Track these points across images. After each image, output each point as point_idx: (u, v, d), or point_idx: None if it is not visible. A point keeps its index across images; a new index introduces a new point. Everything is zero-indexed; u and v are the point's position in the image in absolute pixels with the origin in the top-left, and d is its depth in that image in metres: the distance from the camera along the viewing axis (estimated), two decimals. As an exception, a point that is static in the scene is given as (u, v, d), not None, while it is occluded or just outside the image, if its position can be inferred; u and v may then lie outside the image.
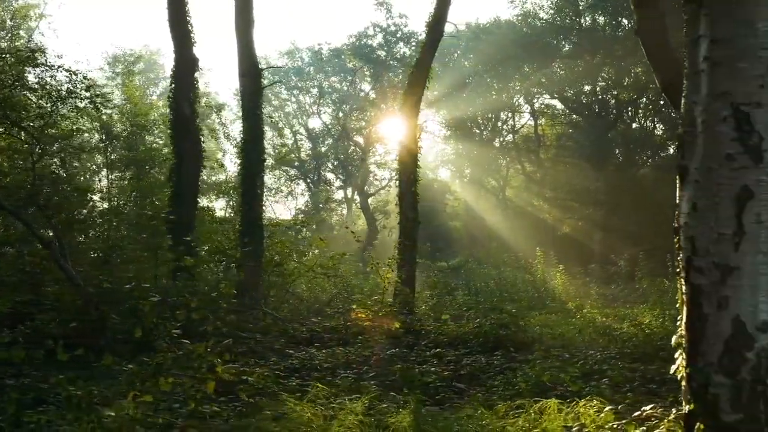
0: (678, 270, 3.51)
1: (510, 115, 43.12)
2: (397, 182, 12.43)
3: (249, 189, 11.99)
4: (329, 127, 44.76)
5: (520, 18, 37.70)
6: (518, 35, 35.82)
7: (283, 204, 59.28)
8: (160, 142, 18.61)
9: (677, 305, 3.54)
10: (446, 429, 3.89)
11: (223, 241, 12.46)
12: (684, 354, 3.46)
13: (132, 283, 6.83)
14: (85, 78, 10.93)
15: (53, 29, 49.56)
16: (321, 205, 47.37)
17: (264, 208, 42.62)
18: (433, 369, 7.82)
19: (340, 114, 42.59)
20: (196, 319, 5.57)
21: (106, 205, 16.88)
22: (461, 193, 45.66)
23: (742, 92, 3.17)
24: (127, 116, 17.54)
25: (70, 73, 10.74)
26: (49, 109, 10.59)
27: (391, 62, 37.75)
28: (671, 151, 34.53)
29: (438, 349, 8.99)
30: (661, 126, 35.34)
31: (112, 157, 15.89)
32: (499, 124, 43.50)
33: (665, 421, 3.56)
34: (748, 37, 3.16)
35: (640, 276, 23.54)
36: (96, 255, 9.46)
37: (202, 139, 10.64)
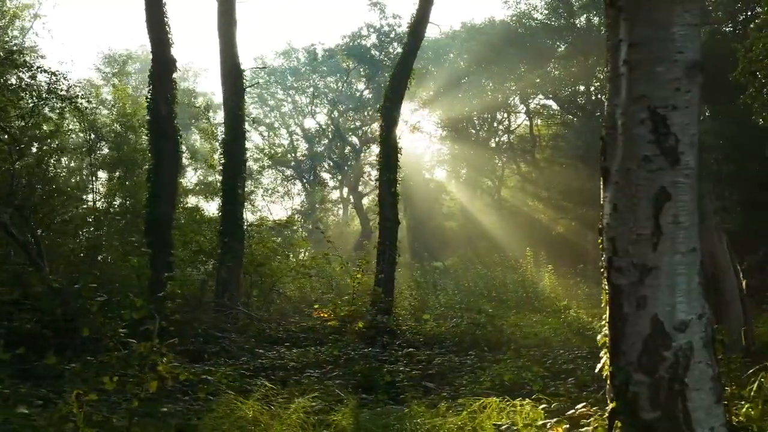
0: (601, 270, 3.56)
1: (505, 115, 43.13)
2: (378, 184, 12.47)
3: (230, 189, 12.04)
4: (323, 127, 44.82)
5: (514, 18, 37.75)
6: (512, 35, 35.86)
7: (279, 204, 59.36)
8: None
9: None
10: (384, 427, 3.94)
11: (204, 241, 12.52)
12: (607, 353, 3.51)
13: (80, 283, 6.86)
14: (65, 78, 11.02)
15: (48, 29, 49.58)
16: (317, 206, 47.47)
17: (260, 208, 42.51)
18: (402, 368, 7.87)
19: (334, 114, 42.64)
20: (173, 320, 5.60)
21: (98, 205, 16.97)
22: (457, 193, 45.71)
23: (658, 96, 3.22)
24: (115, 116, 17.61)
25: (49, 74, 10.80)
26: (29, 110, 10.64)
27: (386, 62, 37.78)
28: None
29: (411, 349, 9.04)
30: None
31: (99, 158, 15.94)
32: (495, 124, 43.51)
33: (592, 419, 3.61)
34: (664, 42, 3.21)
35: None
36: (74, 256, 9.51)
37: (181, 140, 10.69)
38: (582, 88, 36.07)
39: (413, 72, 12.90)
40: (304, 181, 49.39)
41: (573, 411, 3.87)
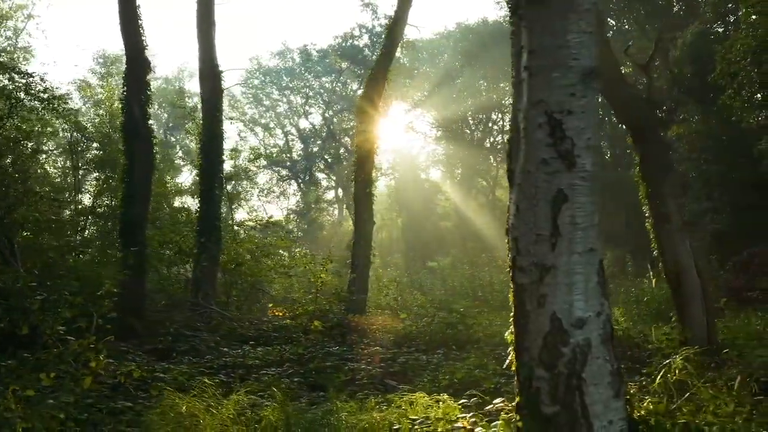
0: (509, 270, 3.67)
1: (500, 115, 43.25)
2: (354, 183, 12.58)
3: (207, 189, 12.16)
4: (316, 128, 44.99)
5: (507, 18, 37.72)
6: (505, 35, 35.88)
7: (275, 204, 59.50)
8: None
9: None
10: (310, 422, 4.06)
11: (184, 241, 12.63)
12: (513, 349, 3.62)
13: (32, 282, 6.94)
14: (41, 80, 11.13)
15: (42, 30, 49.68)
16: (313, 206, 47.62)
17: (256, 208, 42.54)
18: (363, 366, 7.99)
19: (327, 114, 42.78)
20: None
21: (82, 205, 17.10)
22: (452, 193, 45.85)
23: (555, 101, 3.33)
24: (102, 117, 17.73)
25: (26, 76, 10.91)
26: (6, 111, 10.75)
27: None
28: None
29: (378, 347, 9.15)
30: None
31: (87, 158, 16.05)
32: (490, 124, 43.63)
33: (502, 413, 3.73)
34: (560, 49, 3.32)
35: (621, 276, 23.70)
36: (45, 256, 9.64)
37: (155, 141, 10.80)
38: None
39: (406, 72, 13.02)
40: (300, 181, 49.57)
41: (491, 406, 3.98)
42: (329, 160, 43.23)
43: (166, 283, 13.29)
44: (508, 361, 3.65)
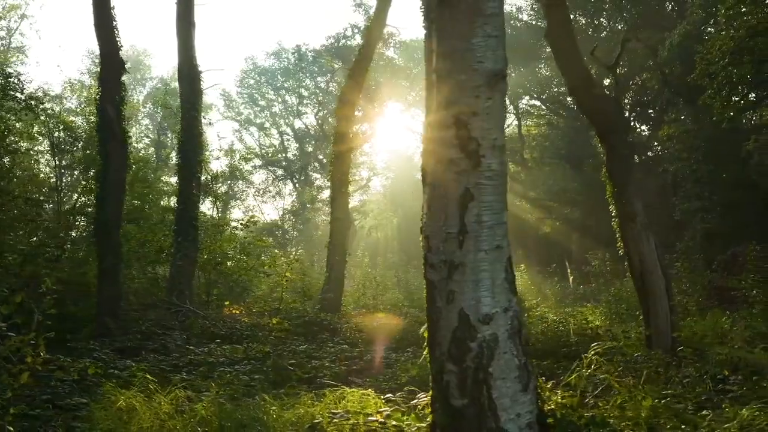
0: (421, 266, 3.77)
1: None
2: (329, 184, 12.67)
3: (184, 189, 12.25)
4: (308, 128, 45.08)
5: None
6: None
7: (271, 204, 59.52)
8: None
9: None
10: (241, 415, 4.16)
11: (162, 239, 12.72)
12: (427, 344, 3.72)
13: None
14: (18, 80, 11.22)
15: (36, 30, 49.80)
16: (308, 206, 47.68)
17: (252, 208, 42.62)
18: (327, 364, 8.08)
19: (321, 114, 42.87)
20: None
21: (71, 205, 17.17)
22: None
23: (461, 102, 3.43)
24: (86, 116, 17.82)
25: (3, 76, 11.01)
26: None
27: (372, 63, 38.00)
28: (650, 153, 34.76)
29: (345, 345, 9.24)
30: (645, 126, 35.59)
31: (71, 158, 16.15)
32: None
33: (417, 407, 3.82)
34: (466, 52, 3.42)
35: (609, 276, 23.76)
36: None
37: (129, 141, 10.90)
38: (565, 88, 36.18)
39: (402, 72, 13.11)
40: (295, 181, 49.66)
41: (416, 400, 4.07)
42: (324, 160, 43.28)
43: (146, 283, 13.39)
44: (424, 354, 3.75)
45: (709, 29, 24.13)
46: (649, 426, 3.40)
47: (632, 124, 36.87)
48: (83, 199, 14.58)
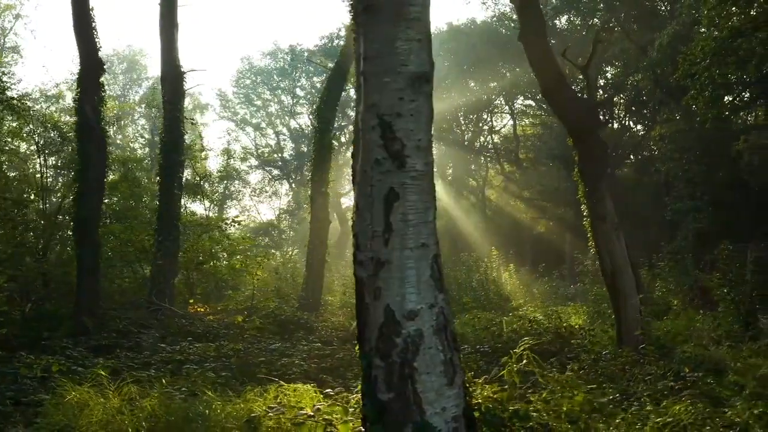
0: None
1: (489, 116, 43.38)
2: (310, 183, 12.76)
3: (166, 189, 12.35)
4: (304, 128, 45.20)
5: (495, 19, 38.03)
6: (493, 36, 36.15)
7: (267, 204, 59.61)
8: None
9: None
10: (184, 411, 4.27)
11: (146, 239, 12.83)
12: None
13: None
14: (0, 80, 11.31)
15: (30, 30, 49.98)
16: (305, 206, 47.74)
17: (247, 207, 42.71)
18: (297, 362, 8.17)
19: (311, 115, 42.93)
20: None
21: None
22: (443, 193, 45.99)
23: (385, 104, 3.52)
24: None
25: (-15, 78, 11.12)
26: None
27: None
28: (646, 152, 34.86)
29: (319, 344, 9.34)
30: (640, 125, 35.68)
31: (54, 159, 16.24)
32: (480, 124, 43.81)
33: (352, 401, 3.92)
34: (390, 55, 3.51)
35: (599, 275, 23.77)
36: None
37: (108, 140, 10.99)
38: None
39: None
40: (291, 181, 49.75)
41: (356, 394, 4.16)
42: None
43: (132, 282, 13.51)
44: (356, 351, 3.84)
45: (702, 30, 24.27)
46: (569, 419, 3.50)
47: (627, 123, 37.08)
48: (69, 198, 14.64)
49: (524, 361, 3.96)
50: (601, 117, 37.37)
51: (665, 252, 18.92)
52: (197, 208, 24.61)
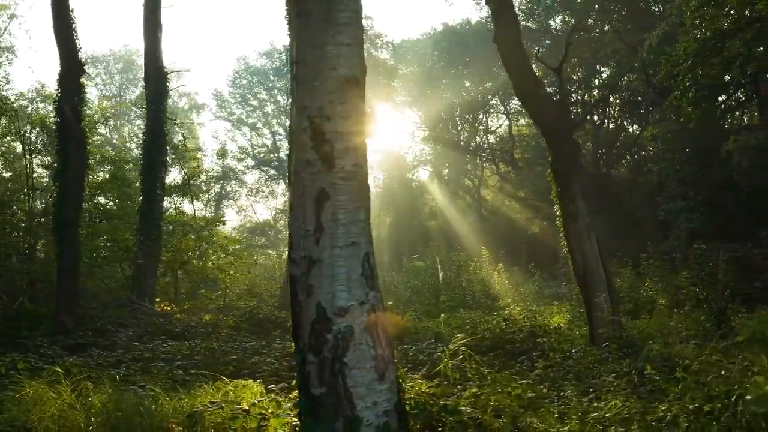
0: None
1: (485, 116, 43.47)
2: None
3: (149, 189, 12.46)
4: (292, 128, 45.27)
5: (490, 20, 38.05)
6: (488, 36, 36.17)
7: (264, 204, 59.71)
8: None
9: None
10: (136, 404, 4.38)
11: (128, 239, 12.93)
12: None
13: None
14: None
15: (25, 30, 50.01)
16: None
17: (244, 207, 42.83)
18: (268, 360, 8.27)
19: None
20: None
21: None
22: (438, 193, 46.10)
23: (315, 107, 3.63)
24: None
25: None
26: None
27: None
28: (643, 152, 34.92)
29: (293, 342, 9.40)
30: (635, 125, 35.77)
31: (39, 159, 16.32)
32: (476, 124, 43.90)
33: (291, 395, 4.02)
34: (320, 59, 3.62)
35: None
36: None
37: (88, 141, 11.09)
38: (552, 89, 36.35)
39: (392, 72, 13.20)
40: (287, 180, 49.77)
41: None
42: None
43: (121, 280, 13.61)
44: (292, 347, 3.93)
45: (686, 31, 24.35)
46: (495, 413, 3.60)
47: (622, 123, 37.16)
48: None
49: (460, 357, 4.06)
50: (597, 117, 37.62)
51: (651, 251, 18.97)
52: (193, 208, 24.76)
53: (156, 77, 12.86)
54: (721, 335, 9.07)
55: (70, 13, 10.50)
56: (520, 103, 36.97)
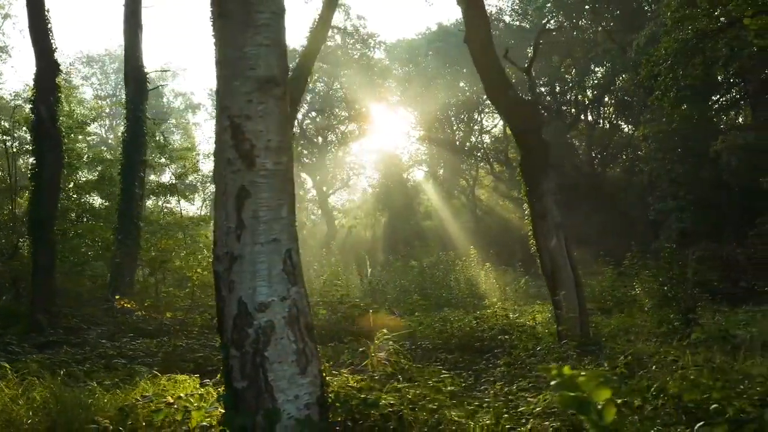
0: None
1: (479, 116, 43.52)
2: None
3: (127, 188, 12.54)
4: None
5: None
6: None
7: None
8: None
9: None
10: (74, 398, 4.47)
11: (108, 238, 13.01)
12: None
13: None
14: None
15: (19, 29, 50.08)
16: (298, 205, 48.00)
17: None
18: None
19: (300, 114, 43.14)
20: None
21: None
22: (433, 193, 46.17)
23: (235, 106, 3.71)
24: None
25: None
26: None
27: (353, 63, 38.26)
28: (639, 152, 34.95)
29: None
30: (629, 125, 35.83)
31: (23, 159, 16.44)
32: (471, 124, 43.97)
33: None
34: (239, 60, 3.70)
35: (591, 275, 23.94)
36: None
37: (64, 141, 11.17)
38: (546, 89, 36.48)
39: (387, 72, 13.29)
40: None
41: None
42: (305, 160, 43.54)
43: (98, 279, 13.70)
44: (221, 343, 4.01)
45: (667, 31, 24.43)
46: (411, 405, 3.67)
47: (616, 123, 37.21)
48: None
49: (390, 350, 4.13)
50: (591, 117, 37.68)
51: (635, 251, 19.02)
52: (190, 206, 24.86)
53: (135, 77, 12.95)
54: (688, 333, 9.15)
55: (46, 13, 10.58)
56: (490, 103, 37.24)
